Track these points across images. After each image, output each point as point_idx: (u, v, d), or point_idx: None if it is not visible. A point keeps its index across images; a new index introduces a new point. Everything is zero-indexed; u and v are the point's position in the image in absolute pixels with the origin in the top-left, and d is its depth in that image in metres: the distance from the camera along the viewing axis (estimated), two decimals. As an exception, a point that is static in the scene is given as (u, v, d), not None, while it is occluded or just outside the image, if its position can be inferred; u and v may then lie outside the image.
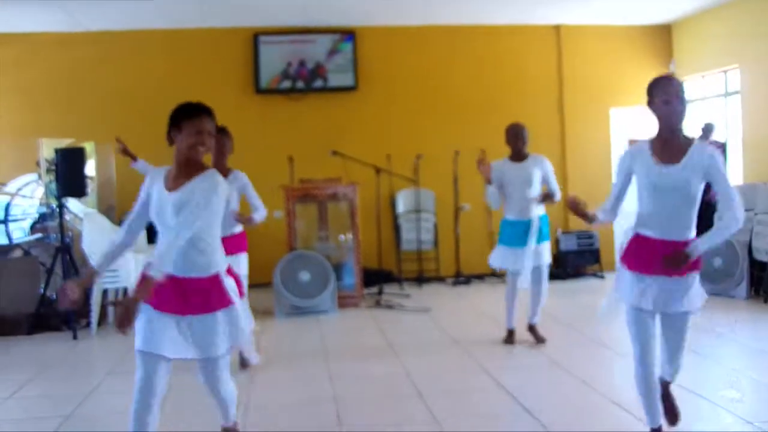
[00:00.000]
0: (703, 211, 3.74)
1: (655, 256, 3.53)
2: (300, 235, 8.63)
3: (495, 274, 9.97)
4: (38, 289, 7.56)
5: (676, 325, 3.66)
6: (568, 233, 10.24)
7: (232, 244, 5.16)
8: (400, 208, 10.38)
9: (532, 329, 6.38)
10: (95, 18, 9.38)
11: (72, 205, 8.13)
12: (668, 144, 3.54)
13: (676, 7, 9.94)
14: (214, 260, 3.38)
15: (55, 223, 7.94)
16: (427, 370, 5.69)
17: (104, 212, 8.58)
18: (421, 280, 10.10)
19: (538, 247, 6.10)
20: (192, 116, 3.27)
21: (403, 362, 5.92)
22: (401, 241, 10.30)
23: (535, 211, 6.11)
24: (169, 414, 3.90)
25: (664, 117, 3.51)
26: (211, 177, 3.31)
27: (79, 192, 7.44)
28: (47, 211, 8.36)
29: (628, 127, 10.64)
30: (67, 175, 7.29)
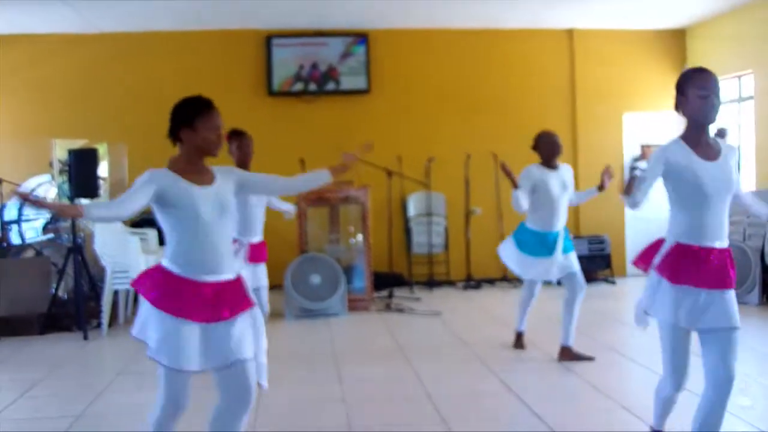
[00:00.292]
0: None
1: (710, 267, 3.23)
2: (311, 238, 8.65)
3: (506, 278, 9.95)
4: (50, 289, 7.59)
5: (731, 342, 3.20)
6: (579, 238, 10.18)
7: (250, 253, 5.06)
8: (411, 211, 10.38)
9: (571, 353, 5.84)
10: (109, 20, 9.45)
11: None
12: (702, 141, 3.30)
13: (690, 12, 9.90)
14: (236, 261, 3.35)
15: (67, 224, 7.98)
16: (437, 373, 5.68)
17: (116, 213, 8.59)
18: (431, 283, 10.09)
19: (567, 257, 5.92)
20: (204, 113, 3.17)
21: (413, 365, 5.91)
22: (412, 245, 10.29)
23: (563, 221, 6.02)
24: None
25: (700, 112, 3.23)
26: (228, 174, 3.27)
27: (92, 193, 7.48)
28: (60, 212, 8.38)
29: (642, 133, 10.61)
30: (80, 176, 7.34)
